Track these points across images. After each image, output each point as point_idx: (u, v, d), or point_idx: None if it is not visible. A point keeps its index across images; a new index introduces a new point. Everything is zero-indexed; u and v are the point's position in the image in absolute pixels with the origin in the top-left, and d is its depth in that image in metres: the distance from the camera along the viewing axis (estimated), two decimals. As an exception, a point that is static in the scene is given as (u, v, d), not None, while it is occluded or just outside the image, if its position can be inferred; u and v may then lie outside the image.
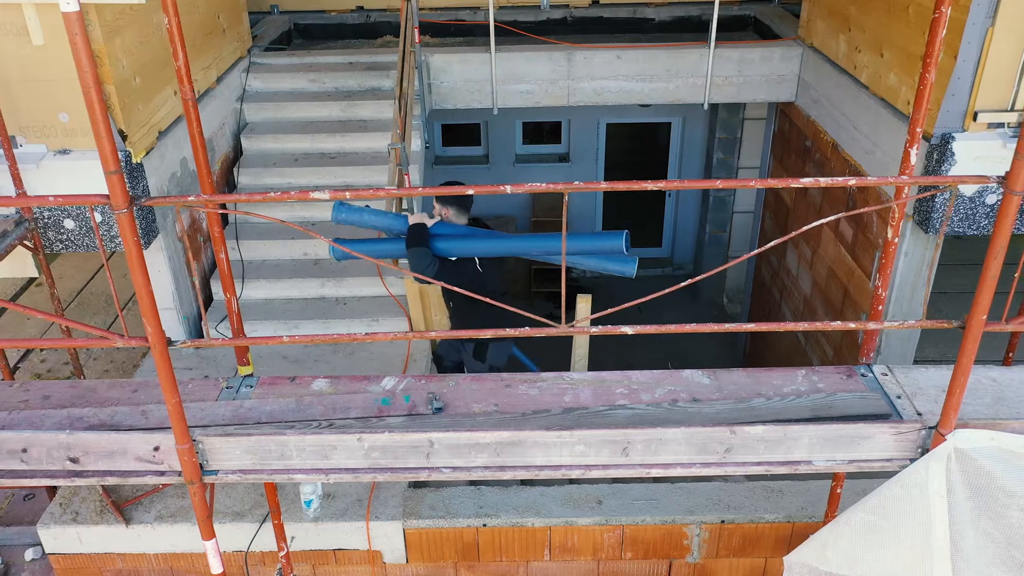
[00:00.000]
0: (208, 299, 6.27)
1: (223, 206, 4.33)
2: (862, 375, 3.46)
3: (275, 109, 7.08)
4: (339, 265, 6.24)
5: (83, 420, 3.28)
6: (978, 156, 5.04)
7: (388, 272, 6.14)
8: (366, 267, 6.16)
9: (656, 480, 4.65)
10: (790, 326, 2.89)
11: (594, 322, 3.15)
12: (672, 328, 2.86)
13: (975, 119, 5.00)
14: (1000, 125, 5.03)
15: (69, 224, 5.20)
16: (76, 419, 3.28)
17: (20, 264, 5.37)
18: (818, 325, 2.83)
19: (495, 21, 7.14)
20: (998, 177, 2.48)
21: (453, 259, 4.73)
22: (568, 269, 12.06)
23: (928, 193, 2.80)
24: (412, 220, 4.66)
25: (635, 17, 8.82)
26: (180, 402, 2.79)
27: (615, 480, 4.61)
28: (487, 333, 3.06)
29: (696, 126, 10.69)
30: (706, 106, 7.77)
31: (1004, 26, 4.73)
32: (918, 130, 3.00)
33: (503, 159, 11.16)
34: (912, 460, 2.98)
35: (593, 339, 6.02)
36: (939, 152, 5.10)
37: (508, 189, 2.57)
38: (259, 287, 6.13)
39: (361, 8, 8.82)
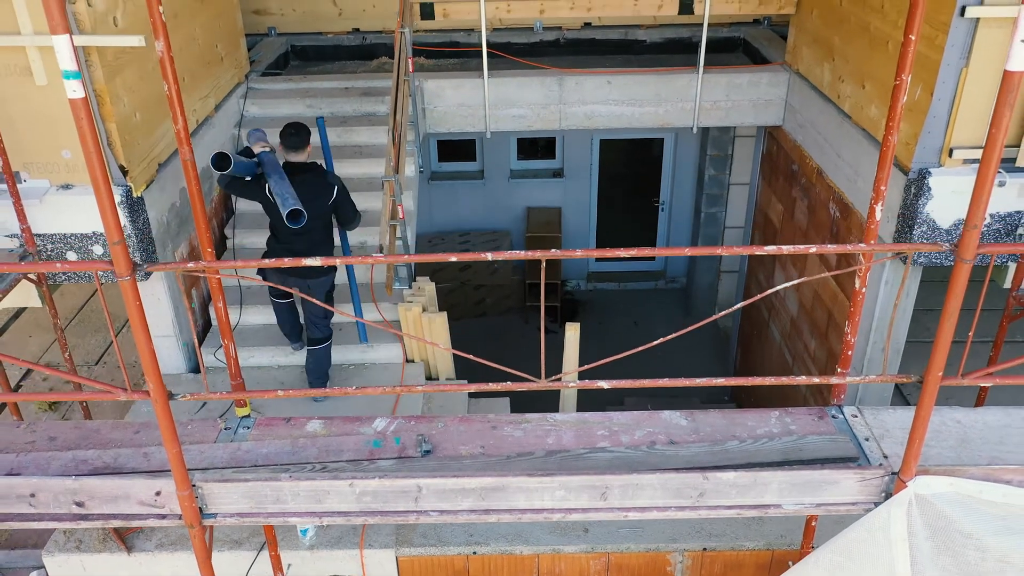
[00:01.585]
0: (206, 324, 6.42)
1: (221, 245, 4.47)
2: (833, 416, 3.62)
3: (272, 136, 7.20)
4: (336, 292, 6.38)
5: (88, 463, 3.43)
6: (954, 191, 5.20)
7: (382, 298, 6.29)
8: (362, 295, 6.30)
9: (641, 507, 4.80)
10: (758, 380, 3.04)
11: (581, 375, 3.28)
12: (646, 383, 3.01)
13: (951, 155, 5.15)
14: (975, 161, 5.18)
15: (71, 256, 5.35)
16: (81, 461, 3.44)
17: (24, 295, 5.51)
18: (784, 380, 2.99)
19: (488, 43, 7.29)
20: (950, 245, 2.63)
21: (247, 178, 5.27)
22: (563, 285, 12.15)
23: (897, 248, 2.93)
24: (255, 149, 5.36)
25: (626, 39, 8.97)
26: (180, 452, 2.94)
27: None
28: (480, 387, 3.21)
29: (688, 142, 10.84)
30: (695, 130, 7.93)
31: (978, 67, 4.89)
32: (882, 188, 3.16)
33: (498, 174, 11.32)
34: (876, 504, 3.13)
35: (588, 350, 6.20)
36: (916, 186, 5.25)
37: (489, 256, 2.72)
38: (256, 312, 6.27)
39: (357, 30, 8.96)
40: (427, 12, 7.60)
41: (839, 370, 3.57)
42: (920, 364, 8.20)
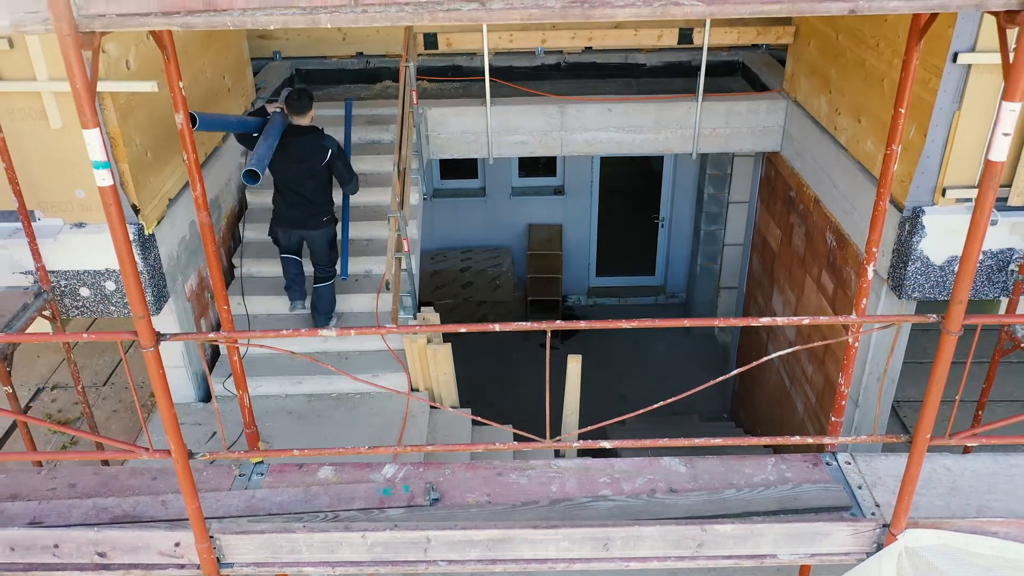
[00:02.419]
0: (215, 352, 6.55)
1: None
2: (827, 463, 3.74)
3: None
4: (342, 320, 6.51)
5: (108, 511, 3.56)
6: (948, 229, 5.32)
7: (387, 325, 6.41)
8: (367, 323, 6.43)
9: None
10: (754, 441, 3.16)
11: (582, 436, 3.41)
12: (646, 443, 3.13)
13: (944, 194, 5.28)
14: (968, 200, 5.30)
15: (84, 292, 5.47)
16: (101, 509, 3.56)
17: (37, 330, 5.63)
18: (779, 440, 3.11)
19: (490, 67, 7.39)
20: (937, 316, 2.75)
21: (255, 134, 5.84)
22: (564, 300, 12.27)
23: (886, 319, 3.05)
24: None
25: (627, 63, 9.08)
26: (199, 508, 3.07)
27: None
28: (483, 325, 3.32)
29: (688, 161, 10.97)
30: (695, 156, 8.05)
31: (970, 110, 5.01)
32: (874, 250, 3.28)
33: (500, 191, 11.44)
34: (868, 555, 3.26)
35: (589, 365, 6.35)
36: (911, 224, 5.37)
37: (496, 327, 2.84)
38: (264, 342, 6.38)
39: (361, 54, 9.08)
40: (431, 42, 7.72)
41: (832, 419, 3.69)
42: (917, 387, 8.33)
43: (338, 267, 6.48)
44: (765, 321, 2.82)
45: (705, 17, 2.28)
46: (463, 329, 2.90)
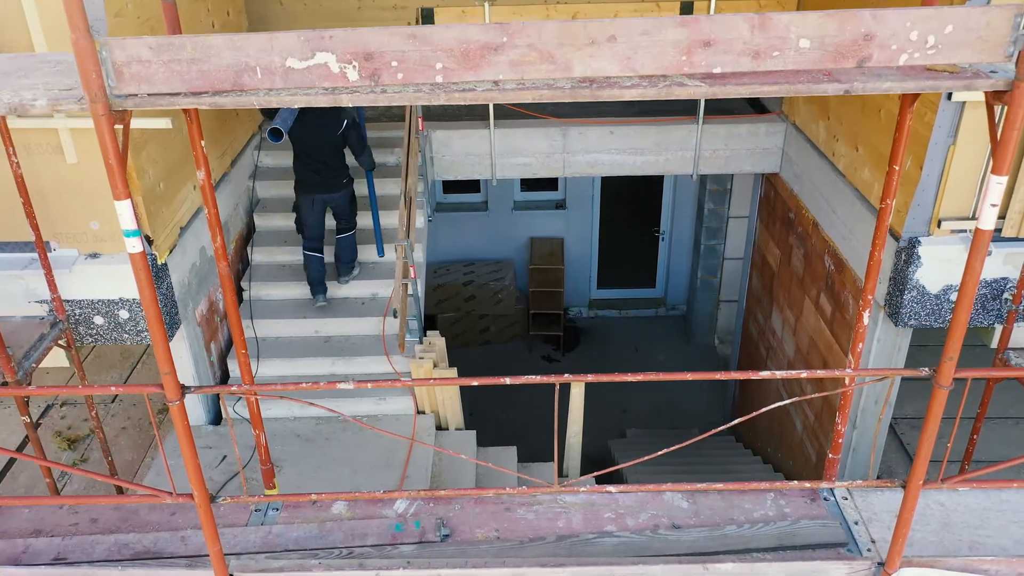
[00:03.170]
0: (224, 374, 6.67)
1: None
2: (825, 498, 3.86)
3: (286, 186, 7.45)
4: (349, 344, 6.64)
5: (129, 547, 3.68)
6: (943, 260, 5.44)
7: (394, 351, 6.53)
8: (374, 346, 6.56)
9: None
10: (754, 486, 3.28)
11: (597, 479, 3.53)
12: (650, 487, 3.25)
13: (939, 226, 5.40)
14: (963, 231, 5.43)
15: (98, 320, 5.59)
16: (123, 545, 3.68)
17: (52, 357, 5.75)
18: (778, 484, 3.23)
19: None
20: (929, 370, 2.87)
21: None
22: (566, 313, 12.37)
23: (879, 372, 3.17)
24: None
25: (628, 82, 9.20)
26: (220, 550, 3.19)
27: None
28: (494, 379, 3.43)
29: (688, 177, 11.07)
30: (695, 178, 8.17)
31: (965, 144, 5.13)
32: (868, 310, 3.40)
33: (502, 206, 11.56)
34: (864, 592, 3.38)
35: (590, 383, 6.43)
36: (907, 254, 5.49)
37: (508, 380, 2.96)
38: (273, 365, 6.52)
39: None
40: (435, 66, 7.83)
41: (830, 456, 3.82)
42: (914, 404, 8.42)
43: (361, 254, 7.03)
44: (764, 375, 2.94)
45: (708, 96, 2.41)
46: (475, 383, 3.02)
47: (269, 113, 6.59)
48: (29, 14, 4.67)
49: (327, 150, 6.43)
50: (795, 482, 3.30)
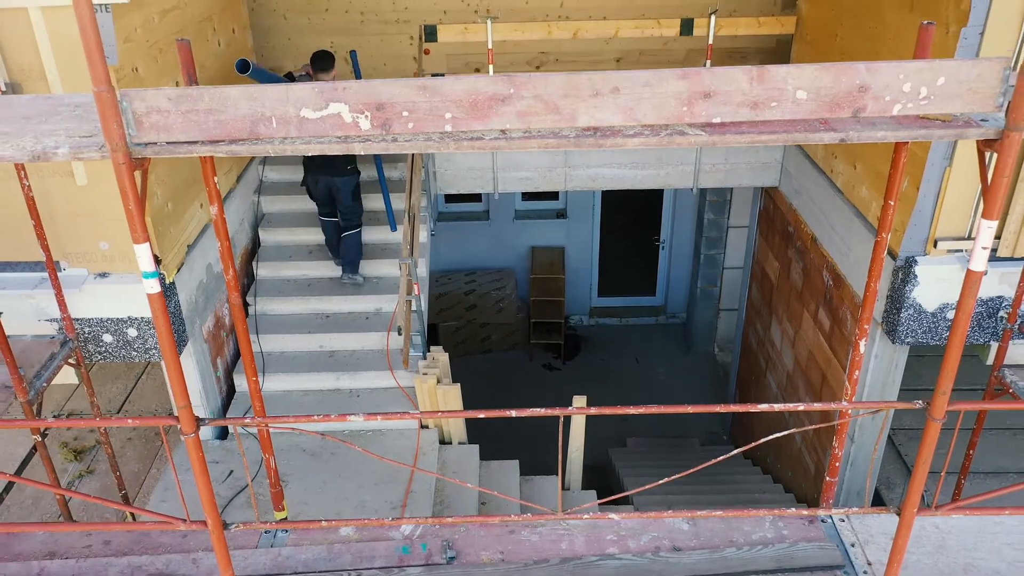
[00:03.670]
0: (230, 389, 6.75)
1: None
2: (822, 520, 3.95)
3: (289, 201, 7.55)
4: (353, 358, 6.72)
5: (142, 569, 3.76)
6: (939, 279, 5.53)
7: (398, 365, 6.62)
8: (378, 361, 6.64)
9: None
10: (753, 513, 3.37)
11: (601, 505, 3.61)
12: (651, 515, 3.33)
13: (936, 246, 5.48)
14: (959, 251, 5.51)
15: (107, 338, 5.67)
16: (136, 568, 3.77)
17: (61, 373, 5.83)
18: (776, 511, 3.31)
19: None
20: (923, 403, 2.96)
21: None
22: (567, 321, 12.46)
23: (872, 405, 3.26)
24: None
25: (629, 95, 9.29)
26: (232, 575, 3.27)
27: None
28: (500, 411, 3.51)
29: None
30: (695, 191, 8.25)
31: (960, 166, 5.22)
32: (864, 339, 3.48)
33: (503, 215, 11.65)
34: (860, 615, 3.46)
35: (591, 384, 6.51)
36: (903, 273, 5.58)
37: (513, 413, 3.04)
38: (279, 380, 6.60)
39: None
40: (438, 82, 7.92)
41: (827, 479, 3.90)
42: (912, 416, 8.45)
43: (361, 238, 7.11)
44: (762, 407, 3.02)
45: (707, 145, 2.49)
46: (481, 415, 3.10)
47: (241, 68, 6.59)
48: (41, 42, 4.75)
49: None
50: (792, 509, 3.39)
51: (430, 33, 7.56)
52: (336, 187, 6.72)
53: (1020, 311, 5.44)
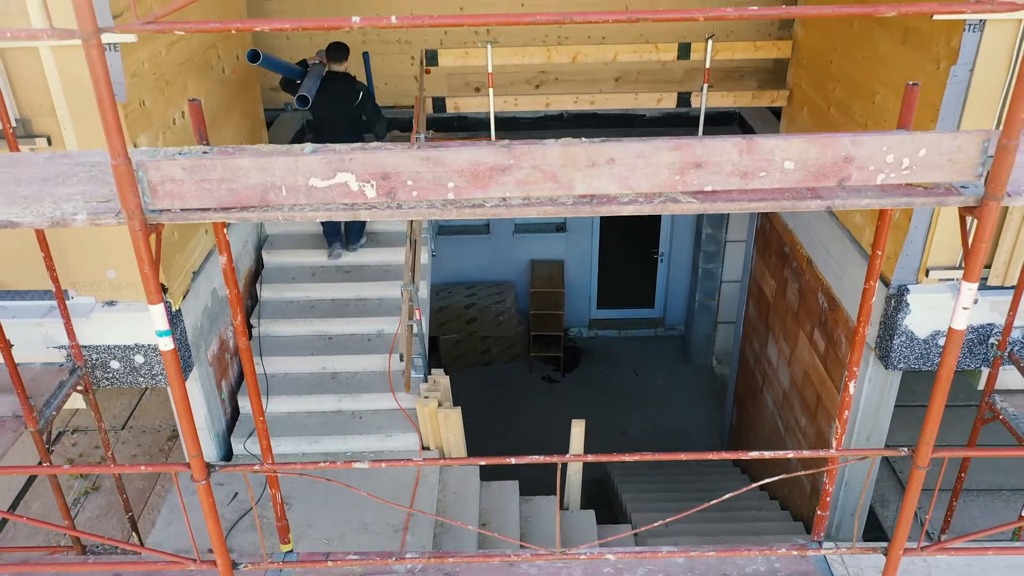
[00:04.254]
0: (235, 411, 6.86)
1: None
2: (814, 554, 4.05)
3: (293, 223, 7.64)
4: (355, 380, 6.83)
5: (152, 602, 3.87)
6: (931, 307, 5.64)
7: (399, 386, 6.72)
8: (380, 383, 6.75)
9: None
10: (745, 552, 3.47)
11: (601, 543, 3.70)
12: (647, 555, 3.43)
13: (927, 275, 5.59)
14: (950, 280, 5.62)
15: (115, 364, 5.78)
16: (146, 601, 3.87)
17: (69, 399, 5.94)
18: (767, 551, 3.42)
19: (496, 118, 7.63)
20: (908, 450, 3.07)
21: (297, 81, 7.02)
22: (566, 333, 12.53)
23: (859, 452, 3.37)
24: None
25: (628, 114, 9.39)
26: (242, 612, 3.38)
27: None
28: (500, 459, 3.62)
29: (686, 201, 11.26)
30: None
31: (951, 198, 5.32)
32: (853, 381, 3.59)
33: (503, 229, 11.75)
34: (849, 649, 3.57)
35: (590, 399, 6.56)
36: (896, 300, 5.69)
37: (512, 460, 3.15)
38: (282, 402, 6.71)
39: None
40: (439, 106, 8.02)
41: (819, 513, 4.01)
42: (907, 432, 8.60)
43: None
44: (753, 455, 3.13)
45: (699, 212, 2.59)
46: (482, 462, 3.21)
47: (289, 86, 7.14)
48: (51, 80, 4.86)
49: (344, 120, 7.03)
50: (783, 547, 3.49)
51: (431, 57, 7.66)
52: None
53: (1010, 338, 5.55)
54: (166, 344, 2.76)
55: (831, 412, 6.94)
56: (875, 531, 7.72)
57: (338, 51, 7.05)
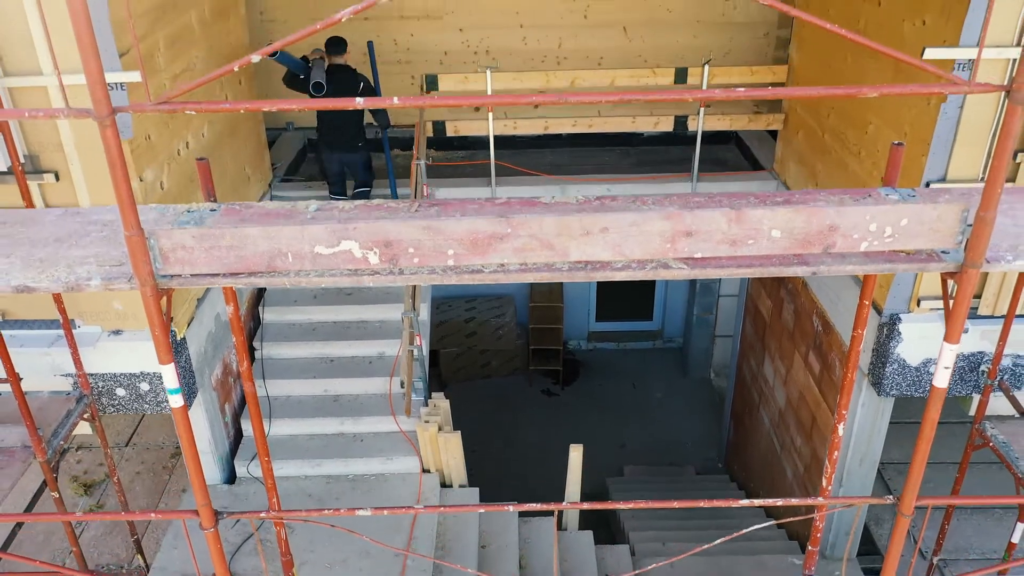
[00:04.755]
0: (238, 433, 6.96)
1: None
2: (805, 585, 4.16)
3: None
4: (357, 403, 6.93)
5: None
6: (922, 336, 5.74)
7: (399, 408, 6.82)
8: (381, 406, 6.85)
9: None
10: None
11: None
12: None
13: (919, 304, 5.69)
14: (941, 309, 5.72)
15: (120, 392, 5.88)
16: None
17: (78, 431, 6.03)
18: (758, 593, 3.51)
19: (495, 136, 7.72)
20: (893, 498, 3.17)
21: (302, 76, 7.33)
22: (565, 346, 12.62)
23: (847, 501, 3.47)
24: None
25: (626, 132, 9.48)
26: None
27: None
28: (499, 506, 3.73)
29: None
30: (689, 232, 8.44)
31: (942, 230, 5.42)
32: (842, 423, 3.69)
33: (502, 243, 11.83)
34: None
35: (589, 412, 6.65)
36: (888, 329, 5.79)
37: (511, 508, 3.25)
38: (285, 424, 6.81)
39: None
40: (439, 129, 8.13)
41: (809, 548, 4.11)
42: (901, 449, 8.66)
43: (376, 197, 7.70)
44: (743, 503, 3.23)
45: (690, 278, 2.69)
46: (482, 509, 3.31)
47: (294, 82, 7.37)
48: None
49: (347, 111, 7.30)
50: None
51: (431, 83, 7.76)
52: (350, 162, 7.72)
53: (1000, 366, 5.65)
54: (176, 401, 2.86)
55: (826, 434, 7.04)
56: (869, 544, 7.82)
57: (338, 44, 7.37)
